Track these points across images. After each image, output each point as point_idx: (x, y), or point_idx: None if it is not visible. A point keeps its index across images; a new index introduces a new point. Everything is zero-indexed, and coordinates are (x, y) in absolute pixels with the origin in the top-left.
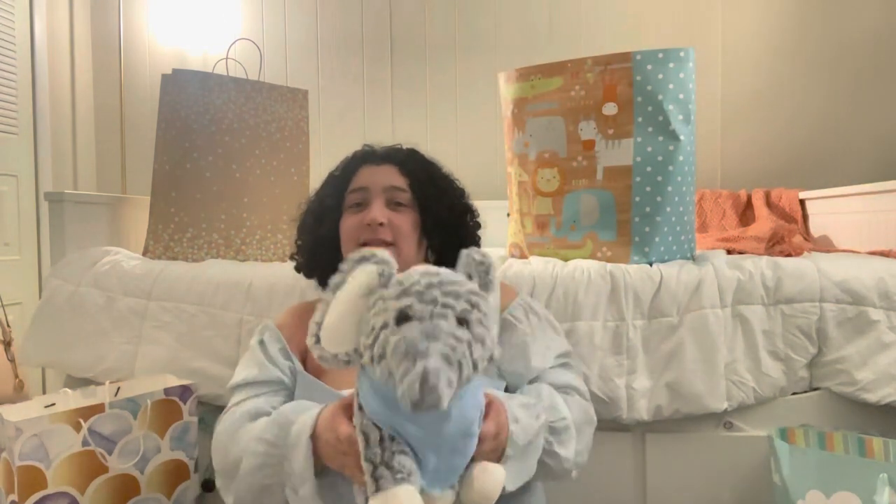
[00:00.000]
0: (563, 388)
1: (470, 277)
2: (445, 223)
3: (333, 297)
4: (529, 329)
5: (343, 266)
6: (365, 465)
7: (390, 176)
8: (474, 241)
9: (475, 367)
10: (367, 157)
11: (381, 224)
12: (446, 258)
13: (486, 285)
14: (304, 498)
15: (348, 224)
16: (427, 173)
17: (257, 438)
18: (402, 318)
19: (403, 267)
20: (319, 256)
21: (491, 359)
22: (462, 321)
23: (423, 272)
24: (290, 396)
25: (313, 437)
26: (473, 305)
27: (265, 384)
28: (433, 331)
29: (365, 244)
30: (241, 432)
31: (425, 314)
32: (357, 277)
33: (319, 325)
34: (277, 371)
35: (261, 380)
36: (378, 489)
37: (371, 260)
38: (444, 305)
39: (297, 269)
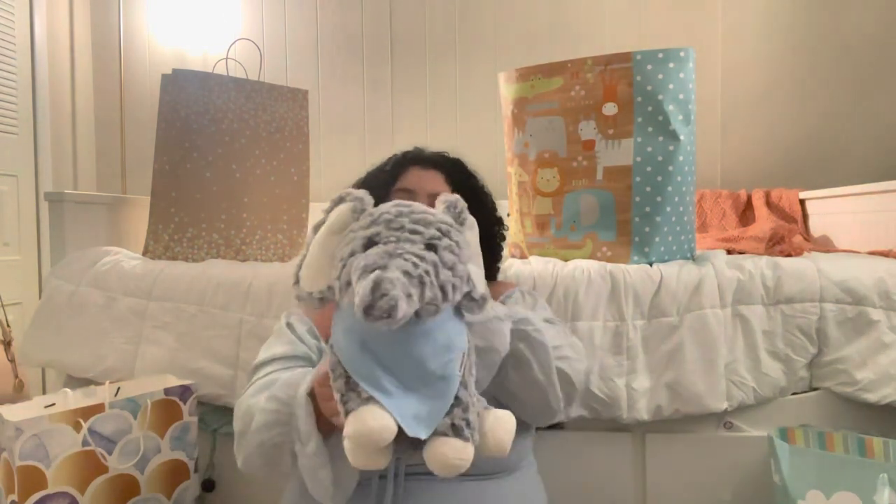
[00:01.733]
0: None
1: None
2: (481, 236)
3: (313, 237)
4: (522, 305)
5: (324, 207)
6: (336, 398)
7: (436, 182)
8: (500, 251)
9: (444, 293)
10: (416, 158)
11: None
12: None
13: (461, 222)
14: (310, 455)
15: None
16: (470, 185)
17: (269, 397)
18: (369, 244)
19: None
20: None
21: (472, 298)
22: (430, 247)
23: (395, 203)
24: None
25: (312, 394)
26: (444, 233)
27: (296, 359)
28: (395, 250)
29: None
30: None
31: (391, 240)
32: (332, 215)
33: (300, 266)
34: (305, 348)
35: (291, 355)
36: (347, 413)
37: (347, 198)
38: (413, 232)
39: None
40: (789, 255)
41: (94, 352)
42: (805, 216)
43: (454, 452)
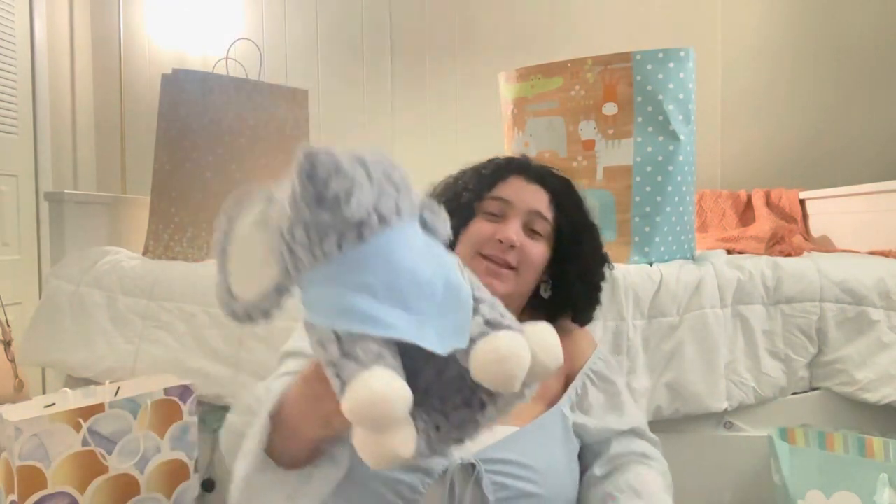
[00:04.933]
0: (641, 457)
1: None
2: (578, 271)
3: (226, 247)
4: (612, 384)
5: (223, 216)
6: (329, 373)
7: (539, 200)
8: (597, 293)
9: (396, 189)
10: (521, 168)
11: (512, 246)
12: (560, 300)
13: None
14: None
15: (478, 230)
16: (578, 212)
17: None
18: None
19: (517, 292)
20: None
21: (432, 210)
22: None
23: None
24: None
25: (280, 414)
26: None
27: None
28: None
29: (486, 257)
30: None
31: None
32: (248, 213)
33: (226, 277)
34: None
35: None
36: (344, 386)
37: (258, 197)
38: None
39: None
40: (789, 255)
41: (94, 352)
42: (805, 216)
43: (507, 342)
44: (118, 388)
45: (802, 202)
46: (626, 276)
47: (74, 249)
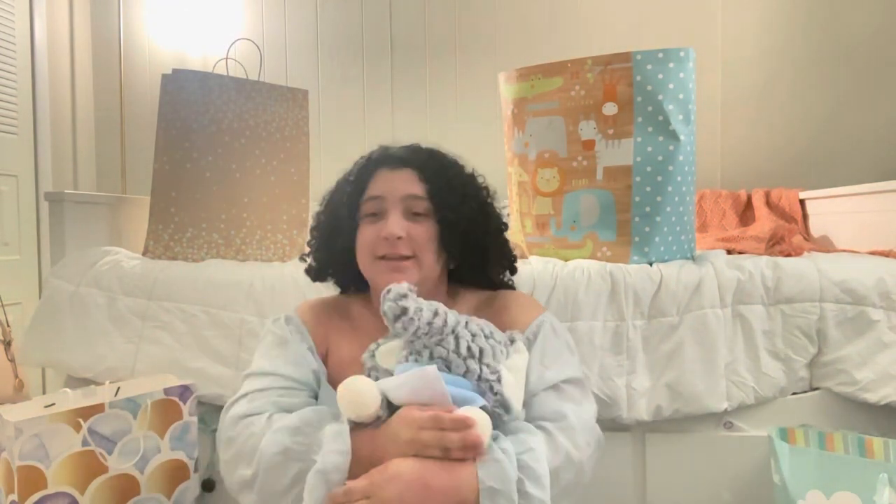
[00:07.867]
0: (549, 418)
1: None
2: (465, 233)
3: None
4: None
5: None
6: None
7: (408, 183)
8: (498, 246)
9: (457, 339)
10: (383, 160)
11: (399, 237)
12: (468, 265)
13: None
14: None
15: (365, 236)
16: (447, 179)
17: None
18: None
19: (424, 276)
20: (335, 268)
21: (493, 390)
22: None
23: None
24: (315, 399)
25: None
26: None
27: (300, 384)
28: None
29: (383, 257)
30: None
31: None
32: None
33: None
34: (310, 374)
35: (295, 378)
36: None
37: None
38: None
39: (307, 272)
40: (789, 255)
41: (94, 352)
42: (805, 216)
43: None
44: (118, 388)
45: (802, 202)
46: (626, 276)
47: (74, 249)
